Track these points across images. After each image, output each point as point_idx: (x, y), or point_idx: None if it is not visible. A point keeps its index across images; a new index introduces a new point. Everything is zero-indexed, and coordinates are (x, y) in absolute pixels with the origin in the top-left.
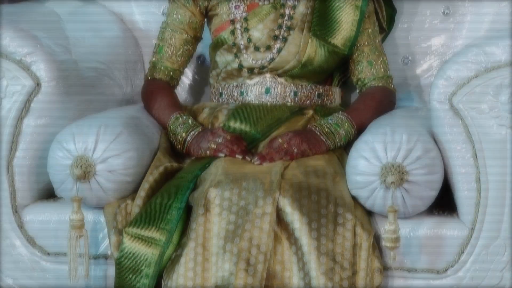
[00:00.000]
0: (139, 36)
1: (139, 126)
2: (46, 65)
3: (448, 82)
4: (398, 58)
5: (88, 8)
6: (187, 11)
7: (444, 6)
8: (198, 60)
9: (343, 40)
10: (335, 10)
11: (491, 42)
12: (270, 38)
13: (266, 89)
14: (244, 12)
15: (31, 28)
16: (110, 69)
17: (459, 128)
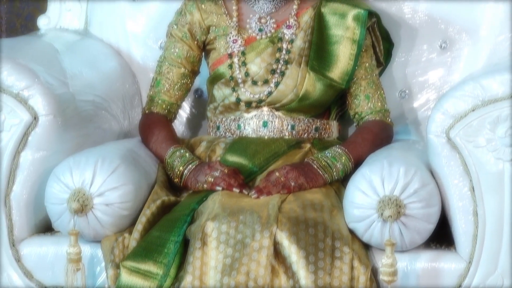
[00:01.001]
0: (137, 70)
1: (137, 159)
2: (43, 99)
3: (445, 115)
4: (395, 92)
5: (86, 42)
6: (184, 45)
7: (441, 40)
8: (196, 94)
9: (341, 74)
10: (333, 44)
11: (488, 76)
12: (267, 72)
13: (264, 123)
14: (242, 46)
15: (29, 62)
16: (108, 102)
17: (456, 161)
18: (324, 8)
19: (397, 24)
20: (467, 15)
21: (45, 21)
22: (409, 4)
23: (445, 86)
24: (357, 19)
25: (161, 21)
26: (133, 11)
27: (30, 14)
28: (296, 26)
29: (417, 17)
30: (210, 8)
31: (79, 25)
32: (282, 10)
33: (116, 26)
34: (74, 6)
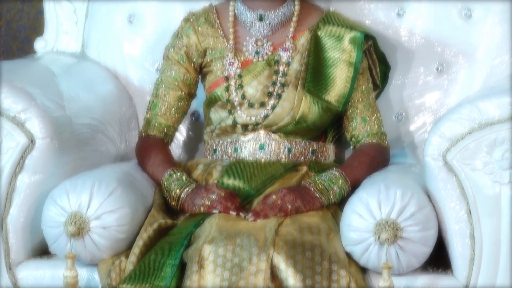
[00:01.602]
0: (134, 93)
1: (133, 182)
2: (40, 122)
3: (442, 138)
4: (392, 115)
5: (83, 64)
6: (181, 68)
7: (438, 63)
8: (192, 117)
9: (337, 96)
10: (329, 67)
11: (485, 99)
12: (264, 94)
13: (260, 146)
14: (238, 68)
15: (26, 85)
16: (105, 125)
17: (453, 184)
18: (320, 31)
19: (394, 47)
20: (464, 38)
21: (42, 44)
22: (406, 26)
23: (442, 109)
24: (354, 42)
25: (158, 43)
26: (130, 33)
27: (27, 37)
28: (292, 49)
29: (413, 39)
30: (207, 30)
31: (76, 48)
32: (278, 33)
33: (113, 49)
34: (71, 29)
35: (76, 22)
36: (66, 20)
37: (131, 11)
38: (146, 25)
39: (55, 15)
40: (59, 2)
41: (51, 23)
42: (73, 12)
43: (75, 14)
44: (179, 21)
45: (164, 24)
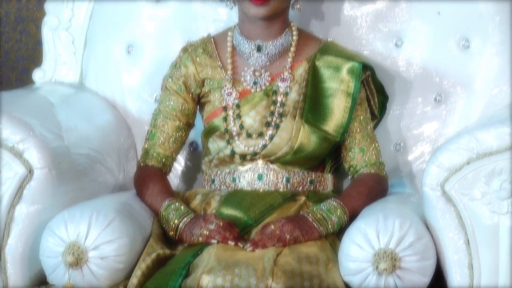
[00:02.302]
0: (132, 123)
1: (132, 212)
2: (38, 152)
3: (440, 168)
4: (390, 145)
5: (81, 95)
6: (179, 98)
7: (436, 93)
8: (191, 147)
9: (335, 126)
10: (327, 97)
11: (483, 129)
12: (262, 124)
13: (259, 176)
14: (236, 98)
15: (24, 115)
16: (103, 156)
17: (451, 214)
18: (318, 61)
19: (392, 77)
20: (462, 68)
21: (40, 74)
22: (404, 57)
23: (440, 139)
24: (352, 72)
25: (156, 74)
26: (128, 64)
27: (25, 68)
28: (290, 79)
29: (411, 70)
30: (205, 61)
31: (74, 78)
32: (276, 63)
33: (111, 79)
34: (70, 59)
35: (74, 52)
36: (65, 51)
37: (129, 41)
38: (144, 56)
39: (54, 45)
40: (58, 32)
41: (50, 53)
42: (72, 42)
43: (73, 44)
44: (177, 52)
45: (162, 55)
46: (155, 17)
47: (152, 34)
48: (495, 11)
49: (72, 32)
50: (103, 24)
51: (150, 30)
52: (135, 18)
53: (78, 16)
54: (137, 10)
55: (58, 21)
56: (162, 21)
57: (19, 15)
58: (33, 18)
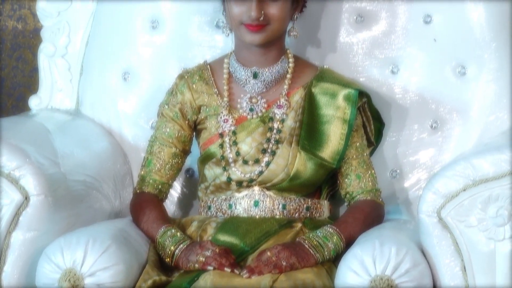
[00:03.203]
0: (128, 150)
1: (128, 239)
2: (34, 179)
3: (437, 195)
4: (387, 172)
5: (77, 121)
6: (175, 125)
7: (432, 120)
8: (187, 174)
9: (332, 153)
10: (323, 124)
11: (479, 156)
12: (258, 151)
13: (255, 202)
14: (233, 125)
15: (20, 142)
16: (99, 182)
17: (448, 241)
18: (314, 88)
19: (388, 104)
20: (458, 95)
21: (36, 101)
22: (400, 84)
23: (436, 166)
24: (348, 99)
25: (152, 100)
26: (124, 91)
27: (21, 95)
28: (287, 106)
29: (407, 97)
30: (201, 88)
31: (70, 105)
32: (272, 90)
33: (107, 106)
34: (66, 86)
35: (70, 79)
36: (61, 78)
37: (126, 68)
38: (140, 83)
39: (50, 72)
40: (54, 59)
41: (46, 80)
42: (68, 69)
43: (69, 71)
44: (173, 78)
45: (158, 82)
46: (151, 43)
47: (149, 61)
48: (491, 37)
49: (68, 59)
50: (99, 51)
51: (146, 56)
52: (131, 45)
53: (75, 43)
54: (133, 37)
55: (54, 48)
56: (158, 48)
57: (16, 42)
58: (30, 45)
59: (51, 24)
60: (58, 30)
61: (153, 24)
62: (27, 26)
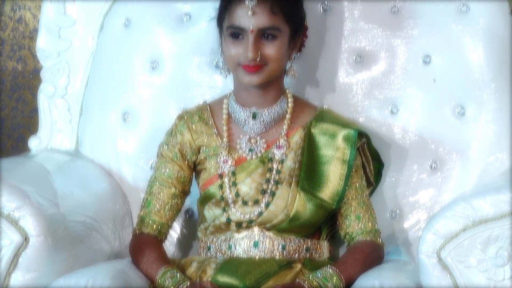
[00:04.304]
0: (128, 190)
1: (127, 280)
2: (34, 220)
3: (436, 235)
4: (386, 212)
5: (77, 162)
6: (175, 165)
7: (432, 160)
8: (186, 214)
9: (331, 194)
10: (323, 164)
11: (478, 196)
12: (258, 192)
13: (255, 243)
14: (232, 166)
15: (20, 182)
16: (98, 223)
17: (448, 281)
18: (314, 128)
19: (387, 144)
20: (457, 135)
21: (36, 141)
22: (399, 124)
23: (436, 207)
24: (347, 140)
25: (152, 141)
26: (124, 131)
27: (21, 135)
28: (286, 147)
29: (407, 137)
30: (201, 128)
31: (70, 146)
32: (272, 130)
33: (107, 147)
34: (65, 127)
35: (70, 120)
36: (60, 118)
37: (125, 109)
38: (140, 123)
39: (50, 113)
40: (54, 100)
41: (46, 121)
42: (67, 110)
43: (69, 112)
44: (173, 119)
45: (158, 122)
46: (151, 84)
47: (148, 101)
48: (491, 78)
49: (68, 99)
50: (99, 92)
51: (146, 97)
52: (131, 86)
53: (74, 83)
54: (133, 77)
55: (54, 89)
56: (158, 88)
57: (15, 83)
58: (29, 85)
59: (51, 65)
60: (58, 70)
61: (152, 64)
62: (27, 67)
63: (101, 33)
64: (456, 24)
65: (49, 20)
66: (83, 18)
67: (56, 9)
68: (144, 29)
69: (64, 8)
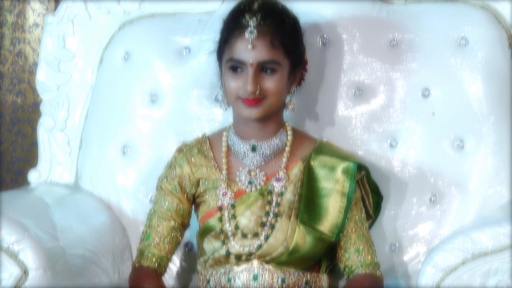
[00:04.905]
0: (127, 223)
1: None
2: (33, 253)
3: (436, 269)
4: (386, 245)
5: (76, 195)
6: (174, 198)
7: (431, 193)
8: (186, 247)
9: (331, 227)
10: (322, 197)
11: (478, 229)
12: (257, 225)
13: (254, 276)
14: (232, 199)
15: (19, 216)
16: (98, 256)
17: None
18: (313, 161)
19: (387, 177)
20: (456, 168)
21: (35, 175)
22: (398, 157)
23: (435, 240)
24: (347, 172)
25: (151, 174)
26: (123, 164)
27: (20, 169)
28: (285, 179)
29: (406, 170)
30: (200, 161)
31: (69, 179)
32: (271, 163)
33: (106, 180)
34: (65, 160)
35: (69, 153)
36: (60, 151)
37: (125, 142)
38: (139, 156)
39: (49, 146)
40: (53, 133)
41: (45, 154)
42: (67, 143)
43: (68, 145)
44: (172, 152)
45: (157, 155)
46: (150, 117)
47: (148, 135)
48: (490, 111)
49: (67, 132)
50: (98, 125)
51: (145, 130)
52: (130, 119)
53: (74, 117)
54: (132, 111)
55: (53, 122)
56: (157, 122)
57: (15, 116)
58: (29, 119)
59: (50, 98)
60: (57, 104)
61: (152, 97)
62: (27, 100)
63: (101, 66)
64: (455, 58)
65: (48, 54)
66: (82, 52)
67: (55, 43)
68: (144, 63)
69: (64, 42)
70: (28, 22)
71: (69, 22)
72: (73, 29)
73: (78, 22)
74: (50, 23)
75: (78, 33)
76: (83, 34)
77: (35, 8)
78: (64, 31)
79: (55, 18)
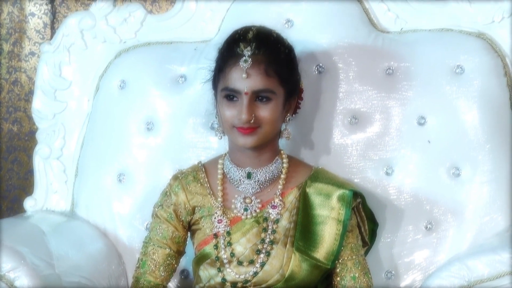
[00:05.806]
0: (123, 251)
1: None
2: (29, 281)
3: None
4: (382, 272)
5: (72, 223)
6: (170, 226)
7: (427, 221)
8: (182, 275)
9: (326, 254)
10: (318, 224)
11: (474, 257)
12: (253, 252)
13: None
14: (227, 226)
15: (15, 243)
16: (94, 284)
17: None
18: (309, 188)
19: (383, 205)
20: (452, 196)
21: (31, 203)
22: (394, 185)
23: (431, 267)
24: (342, 200)
25: (147, 202)
26: (119, 192)
27: (16, 197)
28: (281, 206)
29: (402, 198)
30: (195, 188)
31: (65, 207)
32: (267, 190)
33: (102, 208)
34: (61, 188)
35: (65, 181)
36: (56, 179)
37: (121, 170)
38: (135, 184)
39: (45, 174)
40: (49, 161)
41: (41, 182)
42: (63, 171)
43: (64, 173)
44: (168, 180)
45: (153, 183)
46: (146, 145)
47: (143, 163)
48: (486, 139)
49: (63, 160)
50: (94, 153)
51: (141, 158)
52: (126, 147)
53: (70, 144)
54: (128, 139)
55: (49, 150)
56: (153, 150)
57: (11, 145)
58: (25, 147)
59: (46, 126)
60: (53, 132)
61: (148, 125)
62: (23, 129)
63: (97, 95)
64: (450, 86)
65: (44, 82)
66: (78, 80)
67: (52, 71)
68: (140, 91)
69: (60, 70)
70: (24, 51)
71: (65, 50)
72: (69, 57)
73: (74, 50)
74: (46, 51)
75: (74, 61)
76: (79, 62)
77: (31, 36)
78: (60, 60)
79: (51, 47)
